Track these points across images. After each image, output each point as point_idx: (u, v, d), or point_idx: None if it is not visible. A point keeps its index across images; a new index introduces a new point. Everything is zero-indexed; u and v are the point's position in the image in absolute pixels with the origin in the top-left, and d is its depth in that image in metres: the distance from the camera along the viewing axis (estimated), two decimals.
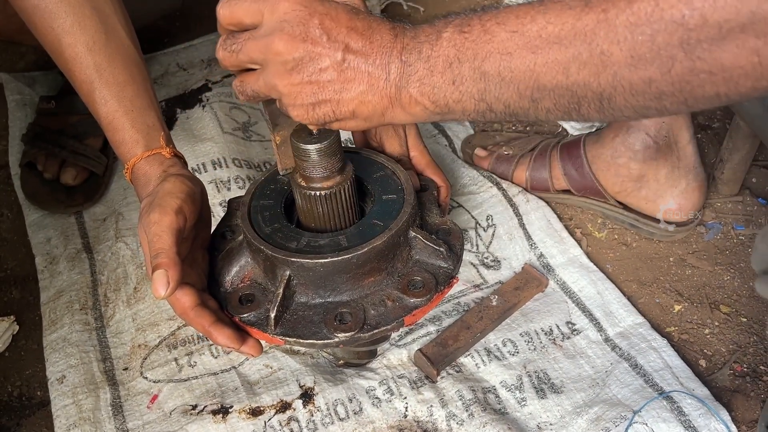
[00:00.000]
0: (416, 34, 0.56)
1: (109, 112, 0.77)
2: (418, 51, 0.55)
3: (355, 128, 0.62)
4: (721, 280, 1.00)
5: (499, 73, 0.51)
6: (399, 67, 0.56)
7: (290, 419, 0.85)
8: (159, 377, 0.92)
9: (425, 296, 0.68)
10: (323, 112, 0.59)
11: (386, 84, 0.57)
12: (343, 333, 0.66)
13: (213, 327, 0.68)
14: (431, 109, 0.57)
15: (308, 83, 0.58)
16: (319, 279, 0.68)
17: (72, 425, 0.86)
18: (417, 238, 0.71)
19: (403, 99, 0.57)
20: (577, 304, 0.96)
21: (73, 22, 0.76)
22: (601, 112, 0.49)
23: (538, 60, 0.49)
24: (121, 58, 0.79)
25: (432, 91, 0.55)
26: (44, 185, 1.18)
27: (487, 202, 1.10)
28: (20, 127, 1.28)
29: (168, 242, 0.67)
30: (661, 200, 1.03)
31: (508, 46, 0.50)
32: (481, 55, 0.52)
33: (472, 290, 1.00)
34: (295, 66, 0.57)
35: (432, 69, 0.54)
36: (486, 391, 0.87)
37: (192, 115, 1.29)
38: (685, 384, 0.85)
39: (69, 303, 1.01)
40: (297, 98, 0.59)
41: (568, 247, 1.03)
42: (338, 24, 0.57)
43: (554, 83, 0.49)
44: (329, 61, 0.56)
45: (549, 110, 0.52)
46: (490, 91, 0.52)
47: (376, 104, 0.58)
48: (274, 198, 0.75)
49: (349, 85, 0.57)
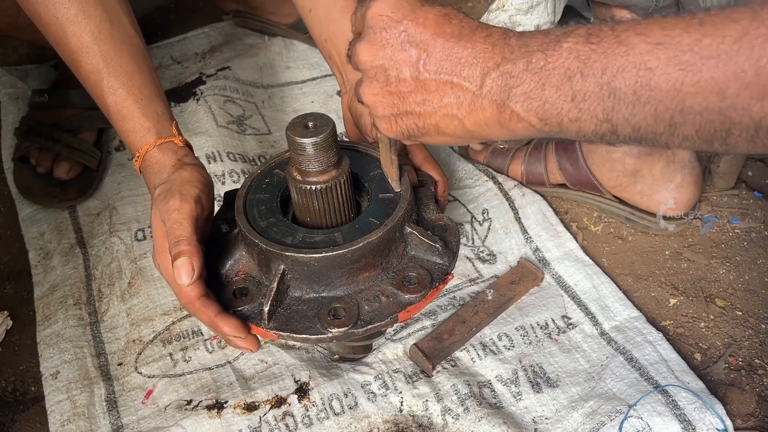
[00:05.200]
0: (526, 43, 0.50)
1: (118, 101, 0.76)
2: (526, 61, 0.49)
3: (446, 144, 0.58)
4: (717, 273, 1.00)
5: (634, 91, 0.44)
6: (497, 78, 0.50)
7: (285, 414, 0.85)
8: (154, 372, 0.92)
9: (420, 292, 0.68)
10: (406, 126, 0.56)
11: (477, 98, 0.51)
12: (337, 328, 0.66)
13: (219, 317, 0.68)
14: (538, 126, 0.50)
15: (389, 94, 0.54)
16: (314, 274, 0.67)
17: (66, 420, 0.86)
18: (413, 234, 0.70)
19: (502, 115, 0.51)
20: (572, 298, 0.96)
21: (77, 12, 0.76)
22: (751, 142, 0.42)
23: (688, 78, 0.42)
24: (127, 47, 0.78)
25: (542, 107, 0.49)
26: (37, 179, 1.17)
27: (482, 196, 1.10)
28: (13, 120, 1.27)
29: (189, 229, 0.68)
30: (656, 195, 1.03)
31: (649, 60, 0.43)
32: (612, 69, 0.45)
33: (467, 284, 0.99)
34: (375, 75, 0.54)
35: (544, 82, 0.48)
36: (481, 385, 0.87)
37: (186, 108, 1.28)
38: (680, 377, 0.85)
39: (63, 298, 1.01)
40: (378, 109, 0.56)
41: (563, 241, 1.03)
42: (424, 29, 0.52)
43: (704, 106, 0.42)
44: (409, 70, 0.53)
45: (687, 137, 0.44)
46: (618, 111, 0.45)
47: (466, 119, 0.53)
48: (270, 192, 0.75)
49: (431, 96, 0.53)
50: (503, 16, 1.20)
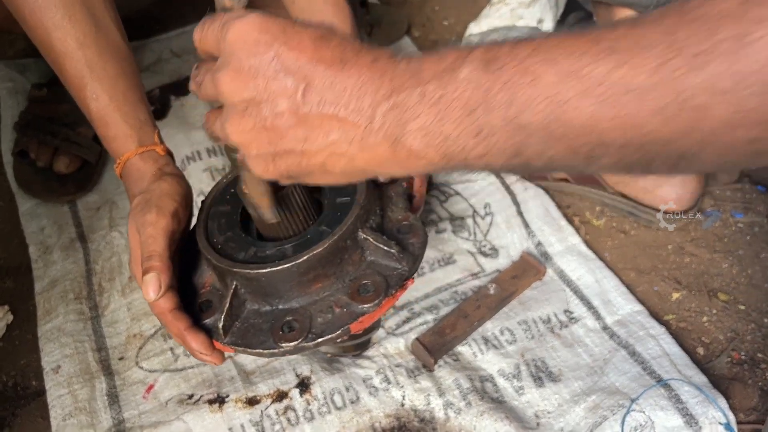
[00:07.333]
0: (418, 69, 0.44)
1: (101, 107, 0.76)
2: (420, 91, 0.43)
3: (333, 183, 0.51)
4: (720, 267, 0.99)
5: (546, 126, 0.39)
6: (389, 111, 0.44)
7: (287, 408, 0.85)
8: (155, 367, 0.91)
9: (373, 302, 0.64)
10: (286, 166, 0.48)
11: (369, 133, 0.45)
12: (287, 342, 0.64)
13: (188, 331, 0.67)
14: (440, 164, 0.45)
15: (263, 129, 0.47)
16: (264, 288, 0.66)
17: (68, 415, 0.86)
18: (367, 240, 0.66)
19: (398, 152, 0.45)
20: (575, 293, 0.96)
21: (63, 17, 0.75)
22: (674, 168, 0.40)
23: (604, 113, 0.37)
24: (112, 53, 0.78)
25: (444, 143, 0.43)
26: (37, 174, 1.17)
27: (484, 190, 1.10)
28: (12, 114, 1.27)
29: (162, 245, 0.67)
30: (659, 190, 1.03)
31: (560, 92, 0.38)
32: (519, 102, 0.40)
33: (469, 279, 0.99)
34: (245, 109, 0.47)
35: (443, 116, 0.42)
36: (483, 379, 0.87)
37: (186, 102, 1.28)
38: (683, 372, 0.84)
39: (63, 293, 1.01)
40: (252, 148, 0.48)
41: (566, 235, 1.03)
42: (301, 53, 0.45)
43: (623, 141, 0.38)
44: (286, 103, 0.45)
45: (606, 167, 0.41)
46: (530, 146, 0.41)
47: (356, 157, 0.46)
48: (232, 203, 0.72)
49: (314, 133, 0.46)
50: (505, 9, 1.19)
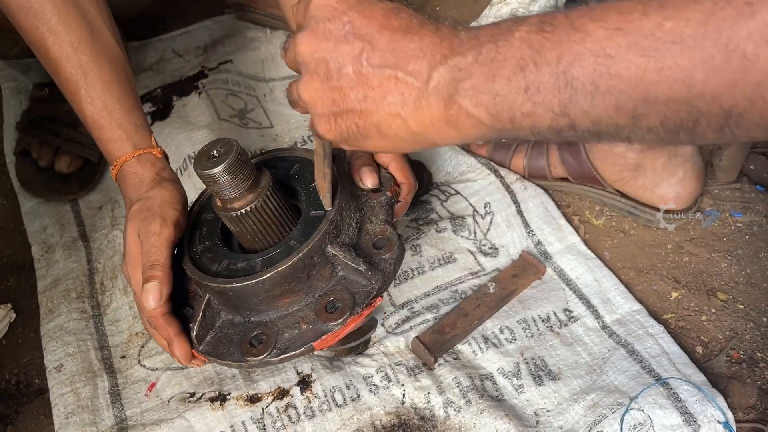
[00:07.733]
0: (476, 35, 0.46)
1: (95, 111, 0.77)
2: (475, 53, 0.45)
3: (389, 150, 0.53)
4: (719, 267, 1.00)
5: (593, 81, 0.40)
6: (445, 72, 0.46)
7: (288, 406, 0.85)
8: (156, 365, 0.92)
9: (338, 320, 0.64)
10: (346, 126, 0.51)
11: (423, 94, 0.47)
12: (253, 357, 0.65)
13: (177, 337, 0.69)
14: (489, 123, 0.46)
15: (329, 89, 0.50)
16: (233, 301, 0.66)
17: (70, 413, 0.87)
18: (336, 256, 0.66)
19: (450, 111, 0.46)
20: (574, 292, 0.97)
21: (58, 22, 0.76)
22: (720, 132, 0.39)
23: (651, 65, 0.38)
24: (107, 58, 0.79)
25: (492, 101, 0.44)
26: (39, 173, 1.17)
27: (484, 190, 1.10)
28: (14, 114, 1.27)
29: (165, 255, 0.69)
30: (659, 189, 1.03)
31: (608, 47, 0.39)
32: (568, 58, 0.41)
33: (469, 277, 1.00)
34: (316, 68, 0.50)
35: (495, 74, 0.44)
36: (483, 378, 0.87)
37: (188, 102, 1.28)
38: (681, 370, 0.85)
39: (66, 291, 1.01)
40: (318, 106, 0.51)
41: (565, 235, 1.03)
42: (371, 21, 0.48)
43: (668, 95, 0.38)
44: (351, 64, 0.48)
45: (651, 129, 0.41)
46: (576, 103, 0.41)
47: (410, 119, 0.48)
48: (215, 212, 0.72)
49: (373, 93, 0.48)
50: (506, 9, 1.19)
